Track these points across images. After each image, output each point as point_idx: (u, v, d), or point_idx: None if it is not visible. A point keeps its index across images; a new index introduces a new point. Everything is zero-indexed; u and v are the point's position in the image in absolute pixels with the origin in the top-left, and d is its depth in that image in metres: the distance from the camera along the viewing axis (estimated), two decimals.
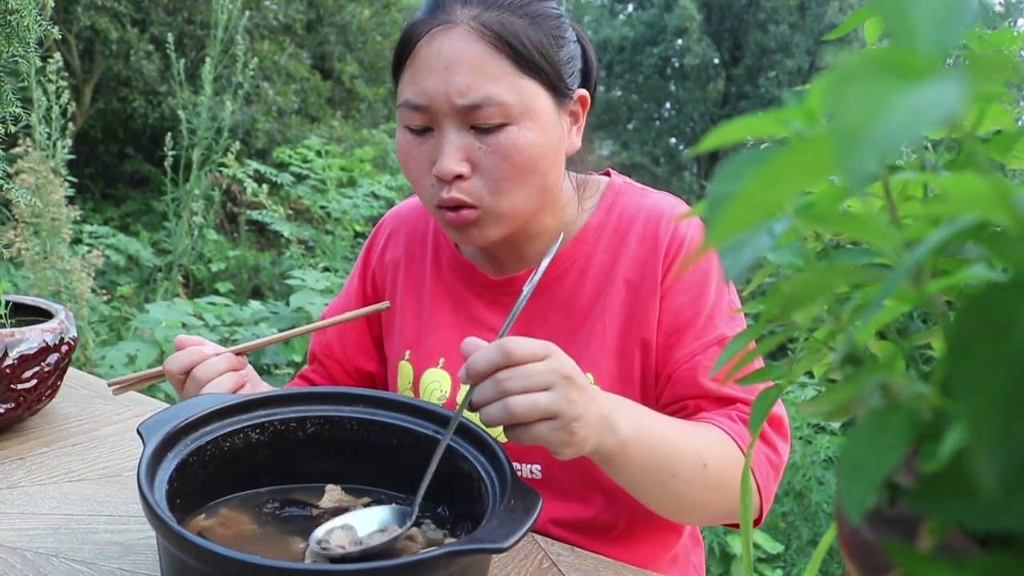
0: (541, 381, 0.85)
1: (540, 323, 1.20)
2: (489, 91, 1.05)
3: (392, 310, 1.33)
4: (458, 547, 0.70)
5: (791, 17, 18.25)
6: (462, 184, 1.08)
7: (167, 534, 0.70)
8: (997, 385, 0.18)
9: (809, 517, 3.08)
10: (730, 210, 0.21)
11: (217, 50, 5.02)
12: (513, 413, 0.84)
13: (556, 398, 0.85)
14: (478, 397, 0.86)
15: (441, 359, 1.25)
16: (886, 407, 0.27)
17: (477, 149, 1.07)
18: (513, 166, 1.07)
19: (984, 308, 0.19)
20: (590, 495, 1.18)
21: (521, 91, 1.07)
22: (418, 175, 1.12)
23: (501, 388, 0.84)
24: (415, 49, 1.09)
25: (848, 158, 0.16)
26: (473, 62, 1.06)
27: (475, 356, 0.86)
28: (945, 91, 0.16)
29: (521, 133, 1.07)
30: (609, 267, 1.19)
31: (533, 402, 0.84)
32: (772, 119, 0.27)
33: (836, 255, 0.42)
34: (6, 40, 1.22)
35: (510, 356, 0.85)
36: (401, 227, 1.38)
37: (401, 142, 1.14)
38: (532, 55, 1.08)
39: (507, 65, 1.07)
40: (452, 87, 1.05)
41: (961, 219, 0.26)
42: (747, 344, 0.45)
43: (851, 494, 0.24)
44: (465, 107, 1.05)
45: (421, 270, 1.32)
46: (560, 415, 0.85)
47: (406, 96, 1.10)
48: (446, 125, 1.08)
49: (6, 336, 1.15)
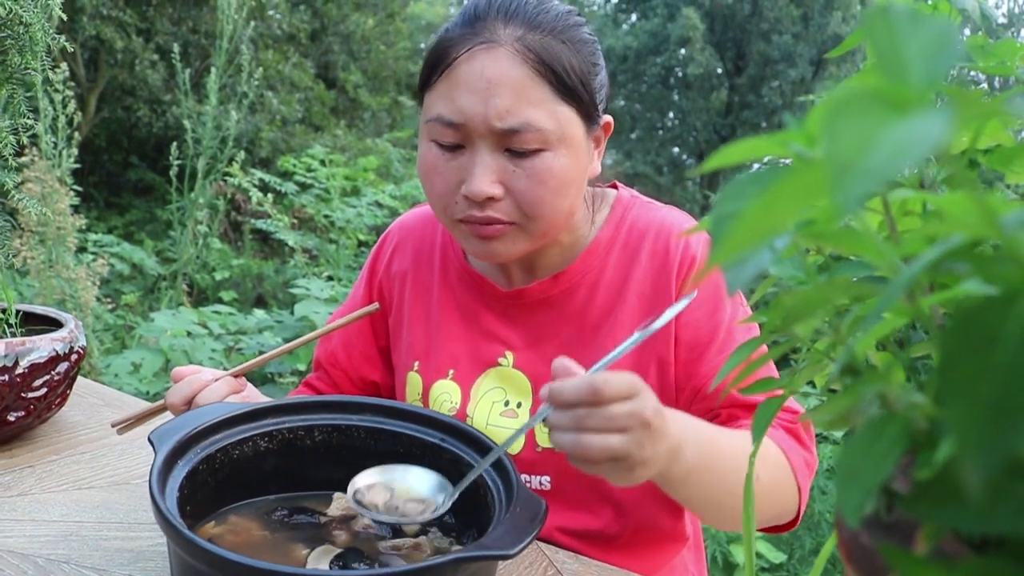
0: (619, 424, 0.83)
1: (550, 337, 1.21)
2: (529, 116, 1.05)
3: (400, 321, 1.33)
4: (464, 554, 0.71)
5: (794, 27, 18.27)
6: (493, 205, 1.08)
7: (179, 540, 0.71)
8: (982, 395, 0.19)
9: (812, 526, 3.08)
10: (735, 229, 0.22)
11: (222, 60, 5.05)
12: (585, 450, 0.83)
13: (628, 443, 0.84)
14: (554, 421, 0.85)
15: (451, 370, 1.25)
16: (882, 416, 0.28)
17: (511, 172, 1.07)
18: (547, 191, 1.07)
19: (971, 322, 0.21)
20: (599, 507, 1.19)
21: (559, 118, 1.07)
22: (443, 191, 1.11)
23: (579, 424, 0.83)
24: (453, 65, 1.07)
25: (841, 187, 0.17)
26: (515, 86, 1.05)
27: (564, 386, 0.84)
28: (933, 123, 0.17)
29: (556, 160, 1.07)
30: (620, 282, 1.20)
31: (605, 445, 0.83)
32: (774, 141, 0.28)
33: (836, 268, 0.43)
34: (18, 52, 1.24)
35: (598, 395, 0.83)
36: (408, 238, 1.37)
37: (427, 156, 1.12)
38: (574, 83, 1.08)
39: (548, 91, 1.06)
40: (492, 109, 1.04)
41: (954, 236, 0.27)
42: (750, 354, 0.46)
43: (848, 499, 0.26)
44: (503, 130, 1.05)
45: (429, 280, 1.32)
46: (628, 458, 0.84)
47: (439, 111, 1.08)
48: (480, 145, 1.07)
49: (17, 345, 1.16)
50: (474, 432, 0.94)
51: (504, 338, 1.24)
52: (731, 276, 0.29)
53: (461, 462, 0.93)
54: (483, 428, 1.19)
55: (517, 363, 1.22)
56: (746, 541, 0.53)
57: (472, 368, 1.24)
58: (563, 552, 1.04)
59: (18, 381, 1.16)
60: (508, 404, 1.20)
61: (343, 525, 0.93)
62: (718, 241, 0.24)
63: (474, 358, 1.24)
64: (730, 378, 0.48)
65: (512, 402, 1.20)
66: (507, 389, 1.21)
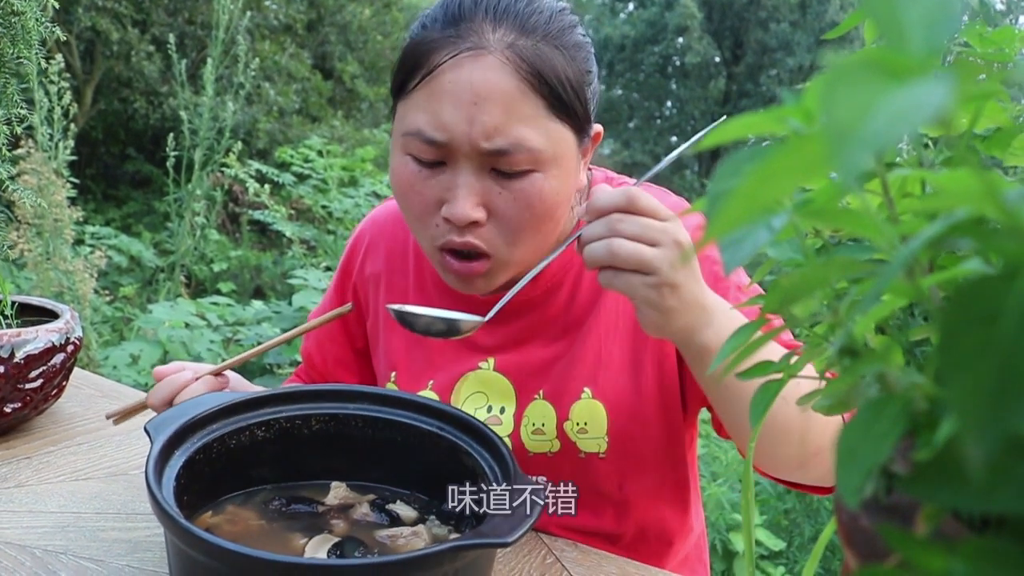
0: (652, 236, 0.84)
1: (532, 338, 1.15)
2: (519, 135, 0.94)
3: (376, 326, 1.27)
4: (463, 542, 0.71)
5: (792, 15, 18.25)
6: (477, 230, 0.99)
7: (177, 530, 0.70)
8: (984, 372, 0.19)
9: (811, 514, 3.09)
10: (729, 205, 0.22)
11: (218, 50, 5.04)
12: (614, 253, 0.83)
13: (660, 256, 0.83)
14: (587, 233, 0.86)
15: (430, 381, 1.18)
16: (881, 397, 0.27)
17: (497, 194, 0.98)
18: (534, 215, 0.99)
19: (972, 297, 0.20)
20: (600, 506, 1.15)
21: (551, 136, 0.97)
22: (421, 212, 1.01)
23: (612, 228, 0.84)
24: (435, 72, 0.96)
25: (840, 155, 0.17)
26: (505, 100, 0.94)
27: (599, 195, 0.86)
28: (933, 90, 0.17)
29: (546, 182, 0.98)
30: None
31: (637, 251, 0.83)
32: (771, 117, 0.28)
33: (834, 251, 0.43)
34: (11, 42, 1.23)
35: (632, 203, 0.84)
36: (380, 238, 1.28)
37: (403, 172, 1.01)
38: (569, 97, 0.98)
39: (540, 106, 0.96)
40: (478, 126, 0.94)
41: (954, 214, 0.26)
42: (749, 337, 0.46)
43: (846, 480, 0.25)
44: (491, 151, 0.95)
45: (403, 286, 1.24)
46: (658, 273, 0.84)
47: (419, 125, 0.97)
48: (464, 164, 0.96)
49: (12, 336, 1.16)
50: (471, 420, 0.94)
51: (484, 345, 1.17)
52: (727, 255, 0.28)
53: (459, 450, 0.92)
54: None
55: (498, 366, 1.16)
56: (745, 529, 0.52)
57: (451, 376, 1.17)
58: (562, 540, 1.04)
59: (14, 372, 1.16)
60: (491, 410, 1.14)
61: (341, 514, 0.92)
62: (713, 218, 0.24)
63: (453, 366, 1.18)
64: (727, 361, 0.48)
65: (495, 407, 1.14)
66: (488, 394, 1.15)
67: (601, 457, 1.11)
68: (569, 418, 1.11)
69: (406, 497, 0.97)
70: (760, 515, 2.97)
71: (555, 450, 1.12)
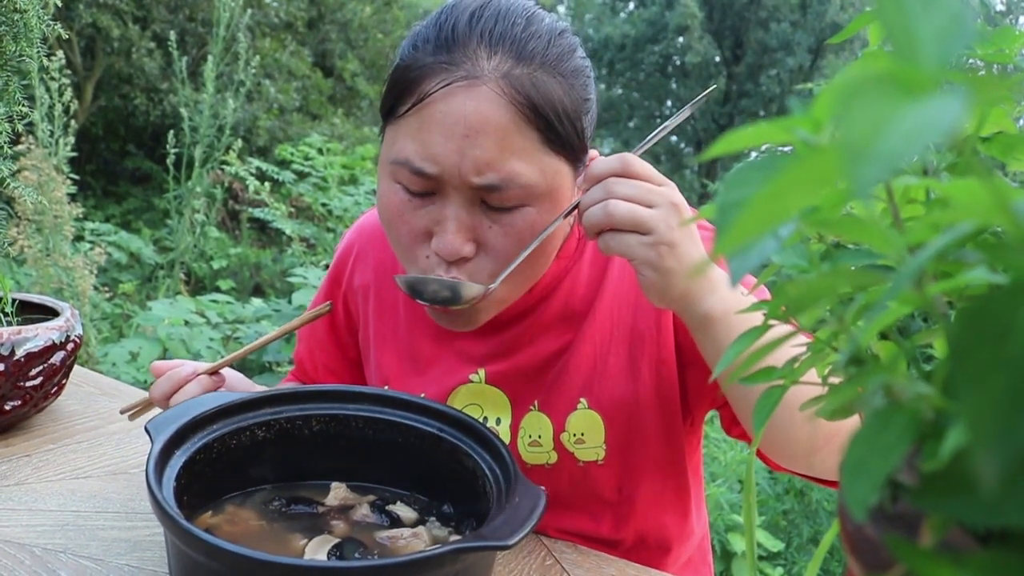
0: (649, 198, 0.85)
1: (525, 347, 1.12)
2: (512, 170, 0.91)
3: (367, 339, 1.24)
4: (463, 544, 0.71)
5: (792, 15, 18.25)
6: (465, 266, 0.96)
7: (176, 531, 0.70)
8: (996, 386, 0.19)
9: (810, 515, 3.09)
10: (742, 218, 0.21)
11: (219, 48, 5.04)
12: (610, 213, 0.84)
13: (656, 216, 0.85)
14: (586, 200, 0.87)
15: (421, 394, 1.14)
16: (889, 407, 0.27)
17: (487, 228, 0.95)
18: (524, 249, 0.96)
19: (984, 312, 0.20)
20: (599, 511, 1.14)
21: (546, 170, 0.94)
22: (409, 242, 0.98)
23: (608, 190, 0.86)
24: (427, 101, 0.92)
25: (854, 172, 0.17)
26: (498, 134, 0.90)
27: (596, 163, 0.88)
28: (948, 107, 0.17)
29: (539, 216, 0.95)
30: (599, 276, 1.12)
31: (632, 210, 0.84)
32: (779, 127, 0.28)
33: (839, 256, 0.43)
34: (13, 39, 1.23)
35: (627, 167, 0.86)
36: (368, 247, 1.25)
37: (391, 200, 0.97)
38: (566, 130, 0.95)
39: (535, 140, 0.92)
40: (469, 161, 0.90)
41: (962, 224, 0.26)
42: (752, 342, 0.46)
43: (854, 492, 0.25)
44: (482, 186, 0.92)
45: (394, 299, 1.21)
46: (654, 232, 0.85)
47: (408, 155, 0.93)
48: (453, 197, 0.93)
49: (12, 334, 1.16)
50: (472, 422, 0.94)
51: (477, 356, 1.14)
52: (735, 264, 0.28)
53: (459, 451, 0.92)
54: None
55: (489, 378, 1.13)
56: (747, 529, 0.52)
57: (443, 389, 1.15)
58: (562, 542, 1.04)
59: (14, 370, 1.16)
60: (487, 422, 1.12)
61: (341, 515, 0.92)
62: (724, 230, 0.24)
63: (445, 379, 1.15)
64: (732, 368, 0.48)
65: (491, 418, 1.13)
66: (483, 406, 1.13)
67: (600, 464, 1.10)
68: (566, 429, 1.09)
69: (406, 498, 0.97)
70: (758, 516, 2.97)
71: (552, 461, 1.11)
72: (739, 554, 2.82)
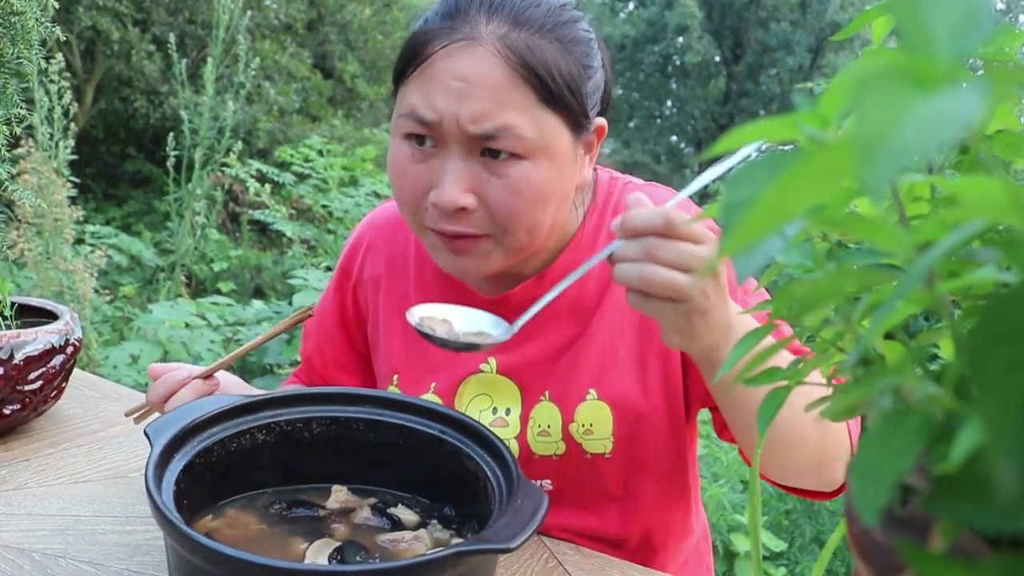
0: (688, 263, 0.81)
1: (535, 337, 1.13)
2: (507, 120, 0.96)
3: (376, 331, 1.25)
4: (465, 547, 0.70)
5: (792, 14, 18.25)
6: (466, 217, 1.00)
7: (176, 535, 0.70)
8: (1014, 390, 0.18)
9: (812, 515, 3.09)
10: (747, 217, 0.21)
11: (219, 50, 5.03)
12: (648, 281, 0.81)
13: (691, 283, 0.81)
14: (621, 252, 0.84)
15: (432, 383, 1.17)
16: (899, 409, 0.27)
17: (485, 181, 0.98)
18: (522, 203, 0.99)
19: (1001, 313, 0.20)
20: (604, 507, 1.14)
21: (542, 126, 0.98)
22: (412, 196, 1.02)
23: (647, 252, 0.81)
24: (429, 61, 0.98)
25: (868, 168, 0.16)
26: (494, 88, 0.96)
27: (636, 213, 0.83)
28: (964, 101, 0.16)
29: (535, 170, 0.98)
30: (610, 274, 1.14)
31: (671, 279, 0.81)
32: (784, 123, 0.27)
33: (843, 255, 0.42)
34: (11, 42, 1.23)
35: (670, 227, 0.81)
36: (379, 240, 1.28)
37: (398, 155, 1.03)
38: (560, 90, 0.99)
39: (531, 97, 0.97)
40: (466, 111, 0.96)
41: (972, 222, 0.26)
42: (756, 344, 0.45)
43: (865, 496, 0.25)
44: (478, 135, 0.96)
45: (404, 288, 1.23)
46: (689, 301, 0.82)
47: (412, 106, 0.99)
48: (453, 149, 0.98)
49: (12, 338, 1.15)
50: (474, 424, 0.93)
51: None
52: (740, 264, 0.28)
53: (461, 453, 0.92)
54: None
55: (501, 368, 1.14)
56: (752, 531, 0.52)
57: (453, 378, 1.16)
58: (564, 544, 1.03)
59: (13, 374, 1.15)
60: (496, 411, 1.13)
61: (342, 518, 0.92)
62: (730, 229, 0.23)
63: (455, 368, 1.16)
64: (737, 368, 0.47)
65: (500, 409, 1.13)
66: (493, 396, 1.14)
67: (607, 457, 1.10)
68: (574, 420, 1.10)
69: (407, 501, 0.96)
70: (761, 516, 2.97)
71: (561, 452, 1.12)
72: (742, 554, 2.81)
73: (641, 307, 0.84)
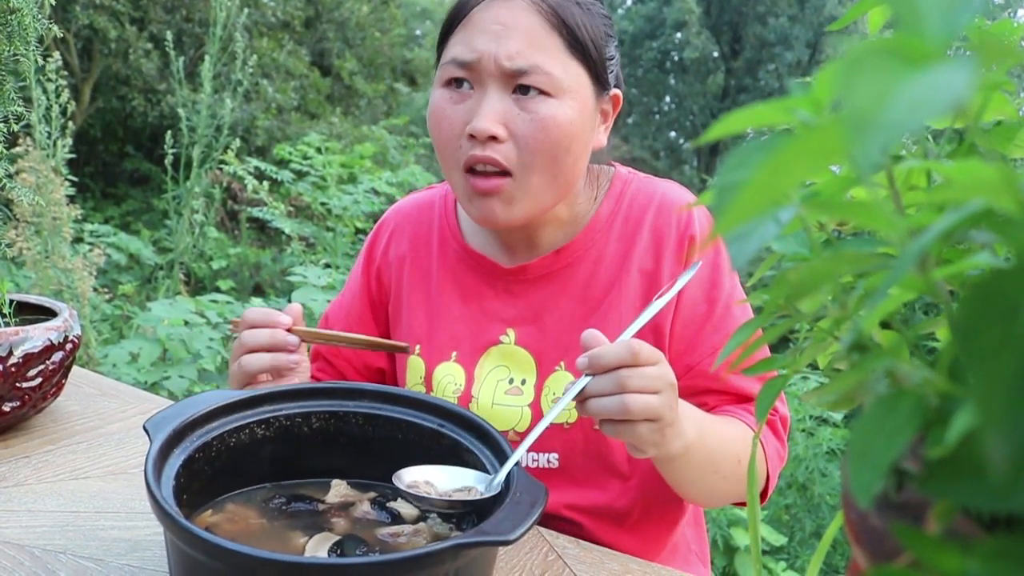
0: (655, 385, 0.89)
1: (552, 312, 1.21)
2: (539, 60, 1.07)
3: (399, 307, 1.32)
4: (464, 540, 0.70)
5: (790, 10, 18.22)
6: (496, 146, 1.08)
7: (176, 530, 0.70)
8: (1005, 367, 0.19)
9: (812, 509, 3.09)
10: (738, 199, 0.21)
11: (216, 48, 5.02)
12: (629, 409, 0.88)
13: (662, 402, 0.90)
14: (594, 388, 0.90)
15: (453, 352, 1.24)
16: (893, 393, 0.27)
17: (516, 115, 1.08)
18: (549, 139, 1.08)
19: (991, 292, 0.20)
20: (606, 481, 1.19)
21: (568, 70, 1.09)
22: (449, 136, 1.12)
23: (622, 384, 0.88)
24: (469, 14, 1.11)
25: (858, 144, 0.16)
26: (527, 32, 1.07)
27: (602, 350, 0.90)
28: (953, 77, 0.17)
29: (562, 109, 1.08)
30: (622, 256, 1.20)
31: (647, 403, 0.88)
32: (778, 108, 0.27)
33: (840, 245, 0.42)
34: (7, 39, 1.22)
35: (637, 357, 0.89)
36: (405, 222, 1.36)
37: (437, 102, 1.14)
38: (585, 40, 1.10)
39: (559, 44, 1.09)
40: (503, 49, 1.07)
41: (966, 206, 0.26)
42: (753, 333, 0.45)
43: (859, 479, 0.25)
44: (512, 70, 1.07)
45: (427, 264, 1.31)
46: (661, 418, 0.90)
47: (453, 53, 1.11)
48: (489, 86, 1.09)
49: (11, 335, 1.15)
50: (473, 417, 0.93)
51: (505, 316, 1.23)
52: (734, 249, 0.28)
53: (460, 447, 0.92)
54: (488, 408, 1.19)
55: (519, 340, 1.21)
56: (751, 525, 0.52)
57: (474, 348, 1.23)
58: (564, 537, 1.03)
59: (12, 371, 1.15)
60: (512, 382, 1.20)
61: (341, 512, 0.92)
62: (721, 211, 0.23)
63: (476, 338, 1.23)
64: (731, 359, 0.48)
65: (516, 379, 1.20)
66: (510, 367, 1.21)
67: None
68: None
69: (407, 495, 0.96)
70: (761, 510, 2.97)
71: (572, 421, 1.17)
72: (742, 548, 2.81)
73: (619, 434, 0.92)
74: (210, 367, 3.47)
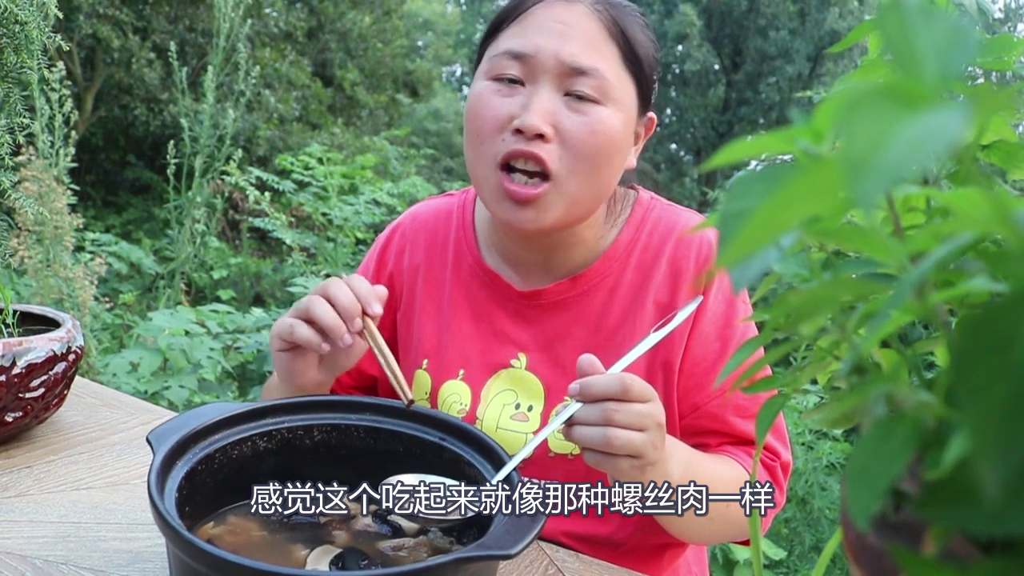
0: (641, 422, 0.88)
1: (564, 340, 1.18)
2: (598, 63, 1.06)
3: (409, 316, 1.29)
4: (465, 554, 0.70)
5: (791, 23, 18.27)
6: (541, 144, 1.06)
7: (179, 542, 0.70)
8: (999, 397, 0.19)
9: (812, 523, 3.09)
10: (743, 230, 0.22)
11: (219, 58, 5.04)
12: (611, 443, 0.87)
13: (646, 441, 0.89)
14: (581, 416, 0.90)
15: (461, 370, 1.21)
16: (892, 416, 0.27)
17: (566, 116, 1.07)
18: (596, 144, 1.07)
19: (986, 323, 0.20)
20: (607, 513, 1.17)
21: (620, 81, 1.09)
22: (492, 128, 1.09)
23: (608, 417, 0.88)
24: (529, 12, 1.09)
25: (858, 185, 0.17)
26: (588, 36, 1.07)
27: (594, 380, 0.89)
28: (949, 119, 0.17)
29: (611, 116, 1.08)
30: (639, 287, 1.18)
31: (629, 439, 0.88)
32: (780, 138, 0.28)
33: (840, 265, 0.43)
34: (14, 51, 1.23)
35: (627, 392, 0.88)
36: (420, 231, 1.32)
37: (482, 92, 1.11)
38: (639, 57, 1.11)
39: (616, 53, 1.09)
40: (565, 47, 1.06)
41: (964, 234, 0.26)
42: (753, 353, 0.46)
43: (857, 501, 0.25)
44: (573, 68, 1.06)
45: (441, 277, 1.28)
46: (643, 456, 0.89)
47: (508, 46, 1.09)
48: (542, 83, 1.07)
49: (14, 345, 1.16)
50: (475, 432, 0.94)
51: (517, 339, 1.21)
52: (736, 274, 0.28)
53: (461, 461, 0.92)
54: (492, 431, 1.17)
55: (530, 365, 1.19)
56: (753, 543, 0.52)
57: (483, 369, 1.21)
58: (564, 551, 1.04)
59: (15, 381, 1.16)
60: (519, 407, 1.18)
61: (343, 525, 0.92)
62: (726, 240, 0.24)
63: (485, 359, 1.21)
64: (731, 379, 0.48)
65: (523, 405, 1.18)
66: (518, 392, 1.19)
67: None
68: None
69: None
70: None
71: (576, 452, 1.15)
72: (741, 563, 2.81)
73: (601, 466, 0.91)
74: (210, 377, 3.47)
